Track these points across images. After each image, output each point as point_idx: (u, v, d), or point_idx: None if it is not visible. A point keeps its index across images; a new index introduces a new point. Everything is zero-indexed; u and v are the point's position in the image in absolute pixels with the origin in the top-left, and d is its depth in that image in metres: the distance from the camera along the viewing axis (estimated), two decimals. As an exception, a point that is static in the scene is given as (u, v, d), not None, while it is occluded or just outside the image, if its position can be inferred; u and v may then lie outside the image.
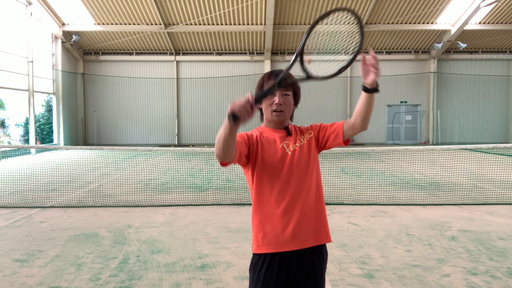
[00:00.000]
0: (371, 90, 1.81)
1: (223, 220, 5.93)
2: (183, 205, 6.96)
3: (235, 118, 1.51)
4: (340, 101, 21.62)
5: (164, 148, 9.77)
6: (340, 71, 1.79)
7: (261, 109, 2.08)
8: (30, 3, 16.67)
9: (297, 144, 1.99)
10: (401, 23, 18.98)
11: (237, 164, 1.92)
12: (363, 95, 1.85)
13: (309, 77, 1.83)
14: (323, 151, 2.18)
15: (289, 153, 1.96)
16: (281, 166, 1.93)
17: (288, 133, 2.02)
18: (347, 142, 2.03)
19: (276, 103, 1.96)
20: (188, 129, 21.60)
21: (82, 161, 14.12)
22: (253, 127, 2.15)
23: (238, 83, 21.08)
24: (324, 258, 2.00)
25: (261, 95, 1.67)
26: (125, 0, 17.12)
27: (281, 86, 1.82)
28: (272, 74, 2.00)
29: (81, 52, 20.92)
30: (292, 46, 20.82)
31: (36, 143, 17.07)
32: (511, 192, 7.88)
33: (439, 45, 20.08)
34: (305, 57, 1.86)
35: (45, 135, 19.69)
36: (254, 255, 1.96)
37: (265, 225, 1.91)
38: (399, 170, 11.01)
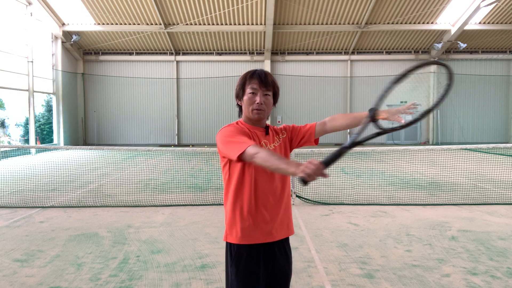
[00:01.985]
0: (376, 120, 1.95)
1: (223, 220, 5.93)
2: (183, 205, 6.97)
3: (305, 182, 1.59)
4: (340, 101, 21.61)
5: (164, 148, 9.76)
6: (422, 116, 1.88)
7: (240, 106, 2.13)
8: (30, 3, 16.67)
9: (274, 143, 2.10)
10: (401, 23, 18.97)
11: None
12: (366, 119, 1.93)
13: (383, 131, 1.86)
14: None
15: None
16: None
17: (267, 132, 2.11)
18: (317, 141, 2.21)
19: (258, 103, 2.01)
20: (188, 129, 21.59)
21: (82, 161, 14.12)
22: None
23: (238, 83, 21.09)
24: (290, 249, 2.15)
25: (330, 160, 1.66)
26: (125, 0, 17.13)
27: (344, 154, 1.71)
28: (254, 74, 2.04)
29: (81, 52, 20.92)
30: (292, 46, 20.81)
31: (36, 143, 17.07)
32: (511, 192, 7.88)
33: (439, 45, 20.07)
34: (380, 114, 1.94)
35: (45, 135, 19.68)
36: (233, 245, 2.01)
37: (246, 217, 1.99)
38: (399, 170, 11.01)
